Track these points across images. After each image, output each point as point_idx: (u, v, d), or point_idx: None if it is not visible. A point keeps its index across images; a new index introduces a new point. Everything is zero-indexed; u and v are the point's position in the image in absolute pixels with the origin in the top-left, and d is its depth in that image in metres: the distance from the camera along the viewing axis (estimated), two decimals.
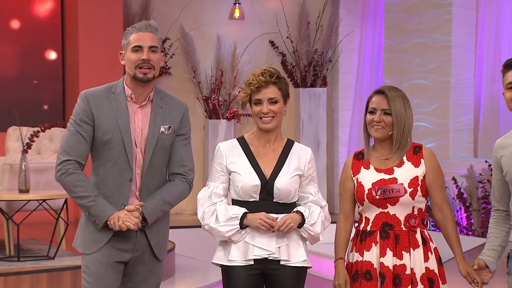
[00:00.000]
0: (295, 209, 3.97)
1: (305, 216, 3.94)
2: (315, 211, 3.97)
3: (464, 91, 9.81)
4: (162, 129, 3.97)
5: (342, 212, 4.05)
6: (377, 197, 3.90)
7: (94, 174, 3.98)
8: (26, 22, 10.23)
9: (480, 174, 9.05)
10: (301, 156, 4.01)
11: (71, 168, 3.88)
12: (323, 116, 10.97)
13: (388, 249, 3.89)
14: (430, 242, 3.97)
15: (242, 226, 3.90)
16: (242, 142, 4.02)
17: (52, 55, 10.39)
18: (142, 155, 3.95)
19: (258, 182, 3.91)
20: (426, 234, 3.98)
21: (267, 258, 3.92)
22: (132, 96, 3.96)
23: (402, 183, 3.91)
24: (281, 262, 3.93)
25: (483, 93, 9.82)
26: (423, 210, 3.98)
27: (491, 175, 4.01)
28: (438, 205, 3.97)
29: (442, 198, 3.99)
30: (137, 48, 3.93)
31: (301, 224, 3.93)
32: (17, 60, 10.27)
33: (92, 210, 3.88)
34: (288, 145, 4.02)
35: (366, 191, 3.93)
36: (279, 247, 3.92)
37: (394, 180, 3.92)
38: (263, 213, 3.89)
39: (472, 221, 9.13)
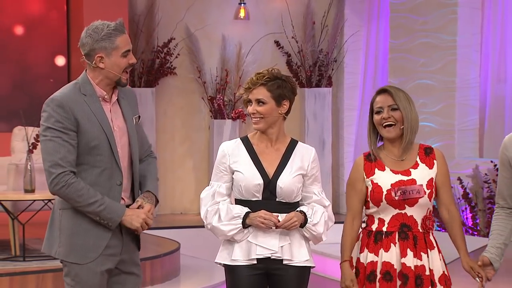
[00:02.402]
0: (298, 209, 3.97)
1: (307, 216, 3.94)
2: (318, 211, 3.97)
3: (469, 91, 9.79)
4: (135, 121, 3.86)
5: (350, 212, 3.99)
6: (397, 198, 3.87)
7: None
8: (31, 27, 10.24)
9: (486, 174, 9.03)
10: (304, 155, 4.01)
11: (69, 178, 3.67)
12: (328, 116, 10.96)
13: (408, 249, 3.87)
14: (438, 244, 3.97)
15: (245, 225, 3.91)
16: (246, 142, 4.02)
17: (59, 60, 10.39)
18: (125, 154, 3.79)
19: (260, 181, 3.92)
20: (434, 236, 3.98)
21: (270, 257, 3.92)
22: (106, 97, 3.78)
23: (422, 184, 3.90)
24: (284, 262, 3.93)
25: (488, 93, 9.80)
26: (431, 212, 3.98)
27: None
28: (446, 204, 3.97)
29: (451, 198, 4.00)
30: (127, 53, 3.76)
31: (303, 224, 3.93)
32: (23, 64, 10.27)
33: (104, 214, 3.69)
34: (292, 145, 4.02)
35: (385, 192, 3.89)
36: (281, 246, 3.92)
37: (413, 181, 3.91)
38: (262, 211, 3.89)
39: (478, 221, 9.12)
